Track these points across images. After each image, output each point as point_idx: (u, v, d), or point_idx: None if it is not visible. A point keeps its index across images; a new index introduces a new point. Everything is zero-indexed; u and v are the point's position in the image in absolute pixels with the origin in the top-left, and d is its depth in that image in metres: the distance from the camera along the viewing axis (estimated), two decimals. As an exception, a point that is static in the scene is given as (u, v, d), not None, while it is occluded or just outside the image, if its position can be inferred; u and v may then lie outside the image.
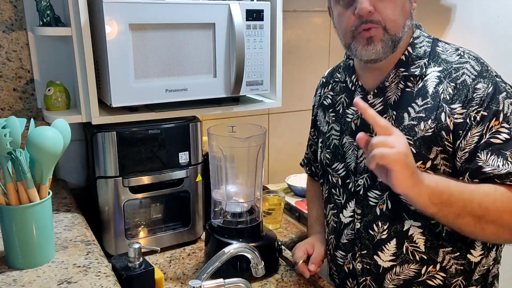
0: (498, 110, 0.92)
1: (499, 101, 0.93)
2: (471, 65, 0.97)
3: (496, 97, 0.93)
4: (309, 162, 1.40)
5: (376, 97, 1.05)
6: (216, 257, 1.02)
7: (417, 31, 1.05)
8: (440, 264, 1.02)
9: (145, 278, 1.07)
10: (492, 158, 0.91)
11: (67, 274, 0.96)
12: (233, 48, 1.30)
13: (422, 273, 1.03)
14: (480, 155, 0.92)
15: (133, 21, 1.17)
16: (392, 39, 0.97)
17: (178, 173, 1.37)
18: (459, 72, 0.96)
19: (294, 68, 1.91)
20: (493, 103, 0.92)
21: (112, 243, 1.33)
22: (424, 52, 1.02)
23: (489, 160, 0.91)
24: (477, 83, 0.94)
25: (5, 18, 1.36)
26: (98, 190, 1.30)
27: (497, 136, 0.92)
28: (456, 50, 1.01)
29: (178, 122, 1.35)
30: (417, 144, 0.97)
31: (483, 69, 0.96)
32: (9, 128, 0.91)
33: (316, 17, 1.91)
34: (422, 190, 0.87)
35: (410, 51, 1.02)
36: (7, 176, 0.94)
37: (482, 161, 0.92)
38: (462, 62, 0.98)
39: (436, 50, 1.02)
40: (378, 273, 1.07)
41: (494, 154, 0.91)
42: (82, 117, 1.23)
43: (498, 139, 0.92)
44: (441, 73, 0.99)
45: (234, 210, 1.29)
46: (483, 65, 0.97)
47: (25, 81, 1.42)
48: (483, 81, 0.94)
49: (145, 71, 1.22)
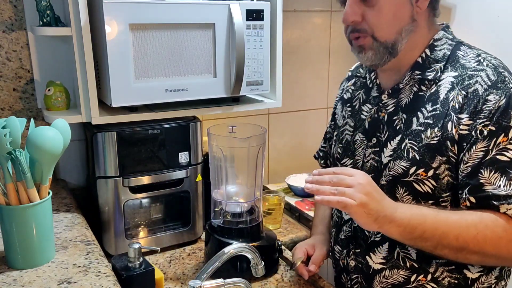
0: (508, 125, 0.86)
1: (510, 116, 0.86)
2: (486, 74, 0.90)
3: (508, 112, 0.86)
4: (325, 155, 1.33)
5: (390, 97, 1.03)
6: (216, 257, 1.02)
7: (440, 33, 1.00)
8: (432, 274, 0.99)
9: (145, 278, 1.06)
10: (496, 176, 0.86)
11: (67, 274, 0.96)
12: (233, 48, 1.30)
13: (412, 280, 1.00)
14: (483, 172, 0.88)
15: (133, 21, 1.17)
16: (384, 45, 0.95)
17: (178, 173, 1.37)
18: (473, 80, 0.91)
19: (294, 68, 1.91)
20: (504, 118, 0.86)
21: (112, 243, 1.33)
22: (443, 56, 0.97)
23: (492, 178, 0.87)
24: (488, 94, 0.88)
25: (5, 18, 1.36)
26: (98, 190, 1.30)
27: (504, 154, 0.86)
28: (477, 56, 0.94)
29: (178, 122, 1.35)
30: (421, 151, 0.94)
31: (499, 79, 0.89)
32: (9, 128, 0.91)
33: (316, 17, 1.91)
34: (391, 229, 0.88)
35: (428, 54, 0.98)
36: (7, 176, 0.94)
37: (484, 178, 0.87)
38: (478, 69, 0.92)
39: (457, 54, 0.97)
40: (368, 273, 1.06)
41: (498, 172, 0.86)
42: (82, 117, 1.23)
43: (505, 157, 0.86)
44: (455, 78, 0.93)
45: (234, 210, 1.29)
46: (500, 75, 0.90)
47: (25, 81, 1.42)
48: (496, 92, 0.88)
49: (145, 71, 1.22)
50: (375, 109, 1.06)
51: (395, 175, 0.98)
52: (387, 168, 1.00)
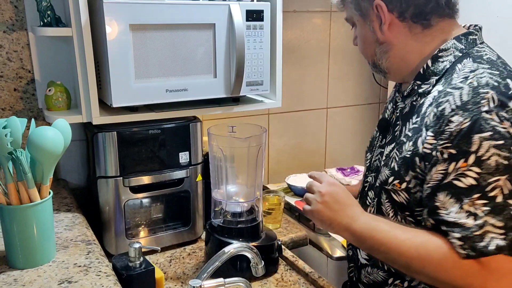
0: (468, 151, 0.80)
1: (471, 141, 0.79)
2: (460, 93, 0.84)
3: (469, 136, 0.80)
4: None
5: (401, 102, 1.04)
6: (216, 256, 1.03)
7: (450, 42, 0.95)
8: (408, 282, 0.98)
9: (146, 277, 1.07)
10: (450, 201, 0.82)
11: (67, 273, 0.97)
12: (233, 48, 1.30)
13: (389, 283, 1.00)
14: (439, 195, 0.84)
15: (133, 22, 1.17)
16: (371, 64, 1.06)
17: (178, 173, 1.37)
18: (445, 98, 0.86)
19: (294, 68, 1.91)
20: (464, 142, 0.80)
21: (113, 243, 1.33)
22: (443, 68, 0.94)
23: (446, 203, 0.83)
24: (453, 115, 0.82)
25: (6, 19, 1.36)
26: (99, 190, 1.30)
27: (461, 180, 0.81)
28: (470, 72, 0.88)
29: (178, 122, 1.35)
30: (399, 162, 0.93)
31: (472, 101, 0.82)
32: (10, 128, 0.91)
33: (316, 17, 1.91)
34: (345, 235, 0.96)
35: (429, 65, 0.96)
36: (8, 176, 0.94)
37: (440, 201, 0.84)
38: (456, 87, 0.86)
39: (455, 67, 0.92)
40: (358, 265, 1.10)
41: (453, 198, 0.82)
42: (82, 117, 1.23)
43: (461, 183, 0.81)
44: (438, 93, 0.90)
45: (234, 210, 1.29)
46: (477, 96, 0.82)
47: (26, 81, 1.42)
48: (462, 114, 0.81)
49: (146, 71, 1.22)
50: (392, 110, 1.08)
51: (381, 180, 0.99)
52: (380, 172, 1.01)
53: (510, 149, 0.79)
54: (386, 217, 0.97)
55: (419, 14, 0.95)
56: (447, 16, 0.97)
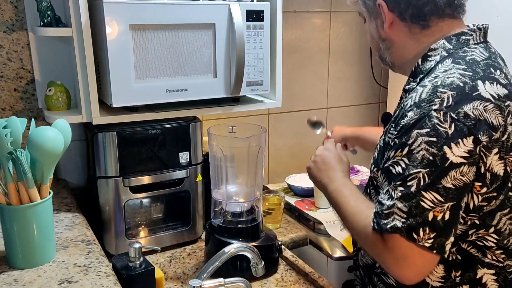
0: (405, 143, 0.86)
1: (410, 135, 0.85)
2: (422, 91, 0.89)
3: (411, 130, 0.85)
4: None
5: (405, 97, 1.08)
6: (216, 256, 1.03)
7: (439, 42, 0.97)
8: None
9: (146, 277, 1.07)
10: (385, 183, 0.90)
11: (67, 273, 0.97)
12: (233, 48, 1.30)
13: (377, 266, 1.06)
14: (381, 176, 0.93)
15: (133, 22, 1.17)
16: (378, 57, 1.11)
17: (178, 173, 1.37)
18: (411, 94, 0.91)
19: (294, 68, 1.91)
20: (405, 135, 0.86)
21: (113, 243, 1.33)
22: (428, 67, 0.97)
23: (383, 184, 0.91)
24: (409, 111, 0.88)
25: (6, 19, 1.36)
26: (99, 190, 1.30)
27: (395, 167, 0.88)
28: (443, 72, 0.91)
29: (178, 122, 1.35)
30: (379, 151, 1.00)
31: (427, 99, 0.86)
32: (10, 128, 0.91)
33: (316, 18, 1.91)
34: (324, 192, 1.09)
35: (419, 64, 0.99)
36: (8, 176, 0.94)
37: (380, 182, 0.93)
38: (423, 85, 0.90)
39: (437, 67, 0.95)
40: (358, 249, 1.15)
41: (387, 181, 0.89)
42: (82, 117, 1.23)
43: (394, 170, 0.88)
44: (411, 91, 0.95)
45: (234, 210, 1.29)
46: (433, 95, 0.86)
47: (26, 81, 1.42)
48: (415, 110, 0.86)
49: (146, 71, 1.22)
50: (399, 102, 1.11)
51: (369, 169, 1.07)
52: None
53: (439, 148, 0.83)
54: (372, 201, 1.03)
55: (417, 15, 0.97)
56: (448, 17, 0.97)
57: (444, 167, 0.82)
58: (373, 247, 0.90)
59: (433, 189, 0.83)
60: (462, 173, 0.83)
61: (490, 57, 0.94)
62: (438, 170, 0.83)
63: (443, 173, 0.83)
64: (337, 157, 1.13)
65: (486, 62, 0.92)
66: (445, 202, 0.83)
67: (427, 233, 0.83)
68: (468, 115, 0.83)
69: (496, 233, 0.93)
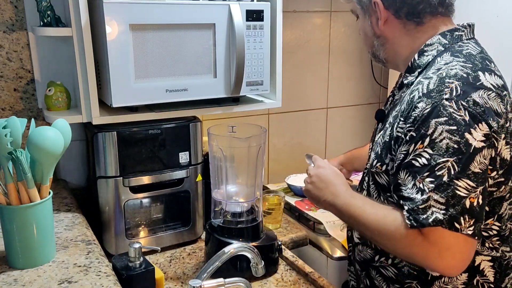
0: (425, 134, 0.88)
1: (429, 125, 0.87)
2: (428, 82, 0.92)
3: (428, 121, 0.88)
4: None
5: (397, 93, 1.11)
6: (216, 256, 1.03)
7: (434, 38, 1.01)
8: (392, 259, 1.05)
9: (146, 277, 1.07)
10: (408, 179, 0.90)
11: (67, 273, 0.97)
12: (233, 48, 1.30)
13: (375, 260, 1.08)
14: (401, 173, 0.92)
15: (133, 22, 1.17)
16: (371, 54, 1.13)
17: (178, 173, 1.37)
18: (417, 87, 0.94)
19: (294, 68, 1.91)
20: (423, 126, 0.88)
21: (113, 243, 1.33)
22: (426, 62, 1.00)
23: (406, 180, 0.90)
24: (419, 102, 0.90)
25: (6, 19, 1.36)
26: (99, 190, 1.30)
27: (418, 159, 0.88)
28: (445, 64, 0.95)
29: (178, 122, 1.35)
30: (382, 146, 1.01)
31: (436, 89, 0.90)
32: (9, 128, 0.91)
33: (316, 17, 1.91)
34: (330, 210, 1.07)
35: (416, 59, 1.02)
36: (7, 176, 0.94)
37: (401, 179, 0.92)
38: (428, 77, 0.94)
39: (435, 60, 0.99)
40: (353, 244, 1.18)
41: (410, 176, 0.90)
42: (82, 117, 1.23)
43: (417, 162, 0.88)
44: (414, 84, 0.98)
45: (234, 210, 1.29)
46: (441, 85, 0.90)
47: (25, 81, 1.42)
48: (425, 100, 0.89)
49: (146, 71, 1.22)
50: (390, 101, 1.13)
51: (369, 164, 1.08)
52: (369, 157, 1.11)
53: (461, 135, 0.85)
54: (372, 198, 1.06)
55: (412, 13, 1.02)
56: (440, 14, 1.03)
57: (470, 153, 0.85)
58: (412, 245, 0.89)
59: (464, 176, 0.85)
60: (484, 157, 0.87)
61: (482, 51, 1.01)
62: (465, 157, 0.85)
63: (470, 159, 0.85)
64: (333, 172, 1.12)
65: (480, 55, 0.98)
66: (477, 187, 0.86)
67: (467, 220, 0.84)
68: (477, 102, 0.87)
69: (498, 220, 0.97)
